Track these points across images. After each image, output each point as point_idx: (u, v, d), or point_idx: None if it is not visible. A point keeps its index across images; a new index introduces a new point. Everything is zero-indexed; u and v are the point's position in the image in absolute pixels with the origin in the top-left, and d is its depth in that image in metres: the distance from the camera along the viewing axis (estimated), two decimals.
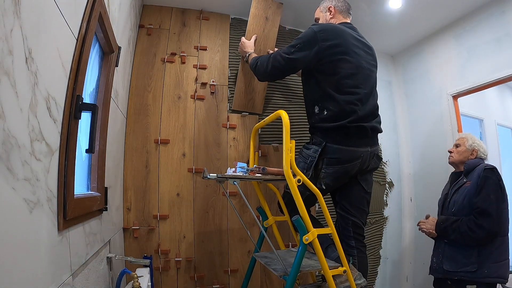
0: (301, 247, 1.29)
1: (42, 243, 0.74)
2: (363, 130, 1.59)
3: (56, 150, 0.83)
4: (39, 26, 0.71)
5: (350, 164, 1.59)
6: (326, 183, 1.58)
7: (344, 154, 1.56)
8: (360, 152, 1.59)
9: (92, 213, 1.16)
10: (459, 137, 1.99)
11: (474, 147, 1.88)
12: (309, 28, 1.66)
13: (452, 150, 1.98)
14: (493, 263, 1.62)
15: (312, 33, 1.62)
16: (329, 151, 1.56)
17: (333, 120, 1.57)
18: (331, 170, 1.57)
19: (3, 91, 0.57)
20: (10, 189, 0.59)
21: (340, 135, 1.57)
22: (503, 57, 2.04)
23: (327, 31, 1.61)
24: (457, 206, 1.77)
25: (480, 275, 1.61)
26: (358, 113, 1.57)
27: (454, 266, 1.69)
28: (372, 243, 2.54)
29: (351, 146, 1.57)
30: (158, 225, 1.94)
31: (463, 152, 1.89)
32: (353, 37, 1.67)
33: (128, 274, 1.38)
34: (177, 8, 2.22)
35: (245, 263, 2.04)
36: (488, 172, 1.71)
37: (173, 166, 2.02)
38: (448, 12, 2.27)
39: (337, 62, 1.59)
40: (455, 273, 1.68)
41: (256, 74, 1.84)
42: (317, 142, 1.60)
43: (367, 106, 1.62)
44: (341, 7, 1.84)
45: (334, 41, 1.59)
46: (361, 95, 1.60)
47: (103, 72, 1.37)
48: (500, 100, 3.84)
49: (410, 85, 2.80)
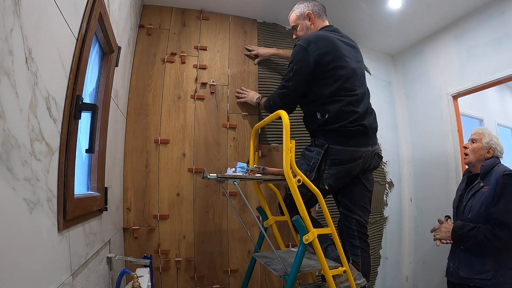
0: (301, 247, 1.29)
1: (42, 243, 0.74)
2: (364, 129, 1.60)
3: (56, 150, 0.83)
4: (39, 26, 0.71)
5: (352, 164, 1.60)
6: (328, 184, 1.58)
7: (347, 154, 1.58)
8: (362, 152, 1.61)
9: (92, 213, 1.16)
10: (476, 132, 1.84)
11: (491, 144, 1.75)
12: (296, 46, 1.65)
13: (467, 145, 1.85)
14: (509, 270, 1.57)
15: (301, 49, 1.62)
16: (331, 153, 1.57)
17: (334, 121, 1.58)
18: (334, 170, 1.58)
19: (3, 91, 0.57)
20: (10, 189, 0.59)
21: (341, 136, 1.58)
22: (503, 57, 2.04)
23: (315, 43, 1.61)
24: (474, 213, 1.69)
25: (496, 283, 1.56)
26: (358, 113, 1.59)
27: (470, 273, 1.64)
28: (372, 243, 2.53)
29: (352, 146, 1.58)
30: (158, 225, 1.94)
31: (479, 150, 1.77)
32: (340, 41, 1.69)
33: (128, 274, 1.38)
34: (177, 8, 2.22)
35: (245, 263, 2.04)
36: (507, 178, 1.59)
37: (173, 166, 2.02)
38: (448, 12, 2.27)
39: (333, 70, 1.60)
40: (470, 280, 1.64)
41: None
42: (319, 144, 1.60)
43: (364, 105, 1.65)
44: (318, 11, 1.82)
45: (325, 49, 1.60)
46: (358, 96, 1.62)
47: (103, 72, 1.37)
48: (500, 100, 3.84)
49: (410, 85, 2.80)
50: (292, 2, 2.12)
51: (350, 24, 2.41)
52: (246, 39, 2.34)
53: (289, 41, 2.45)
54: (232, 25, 2.33)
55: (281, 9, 2.24)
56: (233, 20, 2.33)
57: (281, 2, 2.19)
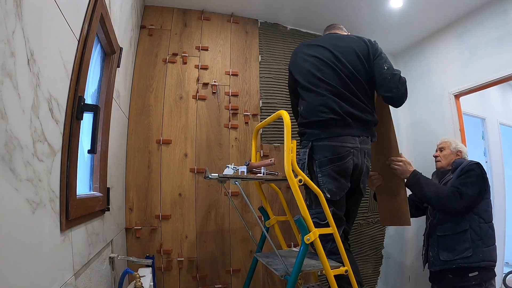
0: (303, 247, 1.29)
1: (45, 243, 0.74)
2: (340, 118, 1.54)
3: (59, 151, 0.83)
4: (40, 28, 0.71)
5: (342, 162, 1.52)
6: (328, 189, 1.50)
7: (330, 152, 1.52)
8: (349, 147, 1.53)
9: (94, 213, 1.17)
10: (442, 141, 2.05)
11: (458, 148, 1.97)
12: None
13: (437, 154, 2.04)
14: (485, 247, 1.70)
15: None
16: (316, 150, 1.55)
17: (309, 114, 1.60)
18: (325, 171, 1.52)
19: (6, 92, 0.57)
20: (13, 190, 0.60)
21: (319, 130, 1.55)
22: (505, 56, 2.03)
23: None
24: None
25: (476, 259, 1.68)
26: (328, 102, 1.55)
27: (451, 255, 1.74)
28: (374, 243, 2.53)
29: (335, 141, 1.53)
30: (160, 225, 1.94)
31: (449, 155, 1.98)
32: (301, 52, 1.72)
33: (130, 274, 1.38)
34: (178, 9, 2.23)
35: (247, 263, 2.05)
36: (473, 165, 1.79)
37: (175, 166, 2.03)
38: (450, 11, 2.27)
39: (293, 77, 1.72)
40: (452, 262, 1.73)
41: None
42: (304, 145, 1.61)
43: (344, 100, 1.58)
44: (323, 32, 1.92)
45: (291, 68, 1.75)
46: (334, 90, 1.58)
47: (105, 73, 1.38)
48: (502, 99, 3.82)
49: (411, 84, 2.77)
50: (293, 3, 2.12)
51: (352, 24, 2.40)
52: (247, 39, 2.34)
53: (290, 41, 2.45)
54: (233, 25, 2.33)
55: (282, 9, 2.25)
56: (234, 20, 2.33)
57: (282, 2, 2.19)
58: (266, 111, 2.27)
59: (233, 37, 2.31)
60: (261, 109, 2.26)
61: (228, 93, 2.21)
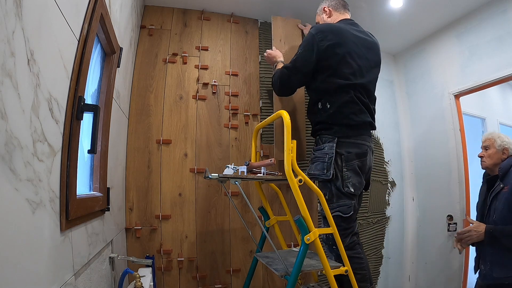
0: (303, 247, 1.29)
1: (45, 243, 0.74)
2: (365, 123, 1.64)
3: (59, 150, 0.83)
4: (40, 28, 0.71)
5: (363, 158, 1.60)
6: (352, 184, 1.54)
7: (356, 147, 1.60)
8: (367, 145, 1.63)
9: (94, 214, 1.17)
10: (486, 138, 1.90)
11: (504, 145, 1.81)
12: (308, 32, 1.68)
13: (482, 154, 1.89)
14: None
15: (310, 36, 1.65)
16: (342, 146, 1.57)
17: (339, 114, 1.61)
18: (351, 166, 1.56)
19: (6, 92, 0.57)
20: (13, 190, 0.60)
21: (348, 129, 1.60)
22: (505, 56, 2.03)
23: (324, 32, 1.62)
24: (498, 214, 1.69)
25: None
26: (361, 107, 1.62)
27: (505, 272, 1.63)
28: (374, 243, 2.53)
29: (359, 139, 1.61)
30: (160, 225, 1.94)
31: (494, 154, 1.82)
32: (353, 35, 1.67)
33: (130, 274, 1.38)
34: (178, 9, 2.23)
35: (247, 263, 2.05)
36: None
37: (175, 166, 2.03)
38: (450, 11, 2.27)
39: (338, 63, 1.60)
40: (506, 279, 1.62)
41: (274, 89, 1.84)
42: (327, 140, 1.60)
43: (368, 99, 1.68)
44: (336, 5, 1.85)
45: (333, 40, 1.60)
46: (362, 91, 1.66)
47: (105, 73, 1.38)
48: (502, 99, 3.82)
49: (411, 85, 2.80)
50: (292, 2, 2.12)
51: None
52: (247, 39, 2.34)
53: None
54: (233, 25, 2.33)
55: (282, 9, 2.24)
56: (234, 20, 2.33)
57: (282, 2, 2.19)
58: (266, 111, 2.27)
59: (233, 37, 2.31)
60: (261, 109, 2.26)
61: (228, 93, 2.21)
